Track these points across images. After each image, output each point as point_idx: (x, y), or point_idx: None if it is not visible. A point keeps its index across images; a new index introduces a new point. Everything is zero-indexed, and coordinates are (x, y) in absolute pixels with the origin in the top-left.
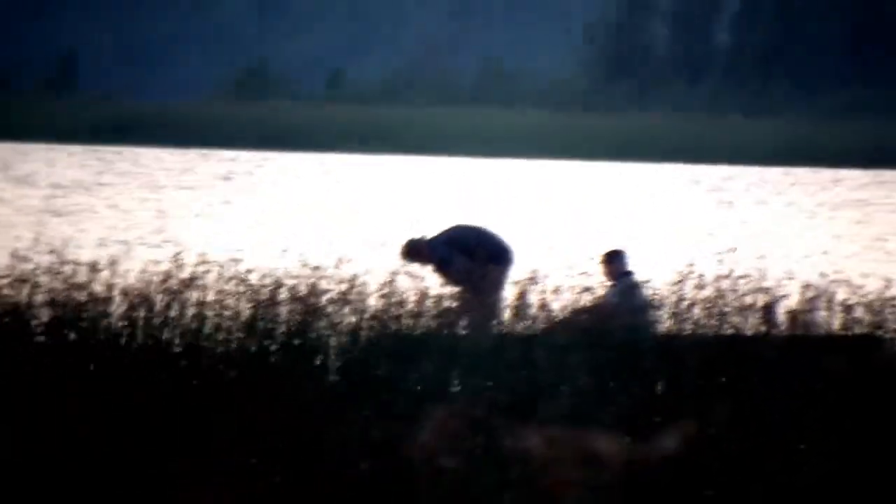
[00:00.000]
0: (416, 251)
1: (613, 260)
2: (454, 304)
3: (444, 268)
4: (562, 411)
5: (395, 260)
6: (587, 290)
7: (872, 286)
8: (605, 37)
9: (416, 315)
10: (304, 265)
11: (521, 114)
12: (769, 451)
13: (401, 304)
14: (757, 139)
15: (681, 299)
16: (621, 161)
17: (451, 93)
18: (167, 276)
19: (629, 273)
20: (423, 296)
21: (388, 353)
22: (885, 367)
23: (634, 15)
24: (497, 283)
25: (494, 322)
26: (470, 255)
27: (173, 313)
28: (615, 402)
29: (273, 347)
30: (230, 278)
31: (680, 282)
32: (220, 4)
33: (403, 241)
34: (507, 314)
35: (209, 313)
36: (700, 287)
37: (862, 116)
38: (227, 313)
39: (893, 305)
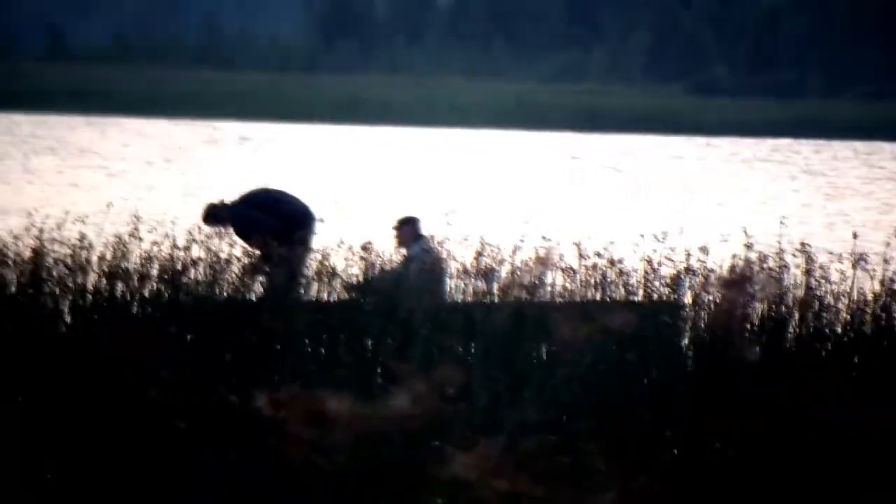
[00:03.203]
0: (215, 215)
1: (406, 225)
2: (249, 268)
3: (244, 230)
4: (308, 374)
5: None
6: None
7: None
8: None
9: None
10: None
11: (241, 75)
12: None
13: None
14: (478, 101)
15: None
16: (342, 124)
17: (171, 54)
18: None
19: (422, 238)
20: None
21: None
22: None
23: None
24: (301, 245)
25: (292, 287)
26: (271, 216)
27: None
28: (358, 363)
29: None
30: None
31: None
32: None
33: (203, 205)
34: (306, 280)
35: None
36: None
37: (579, 80)
38: None
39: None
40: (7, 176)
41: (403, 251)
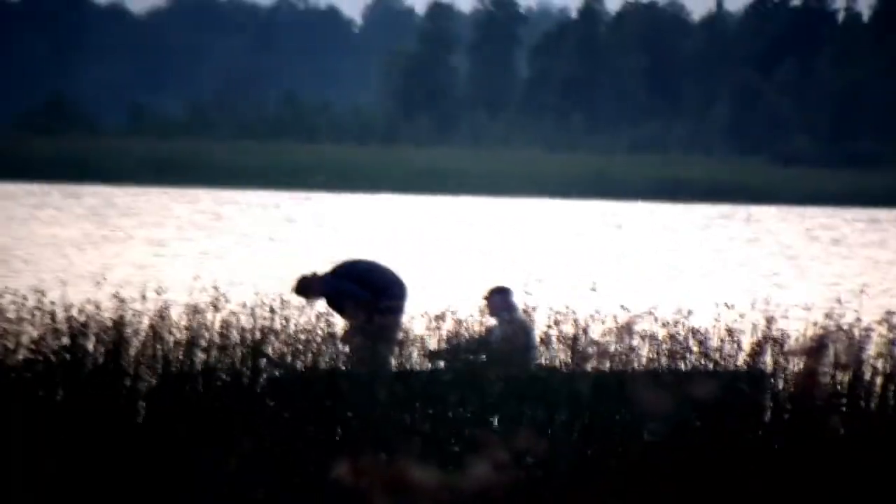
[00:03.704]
0: (306, 286)
1: (496, 296)
2: (346, 338)
3: (336, 301)
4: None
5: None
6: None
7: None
8: (405, 70)
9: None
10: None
11: (320, 147)
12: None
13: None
14: (557, 172)
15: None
16: (426, 194)
17: (251, 126)
18: None
19: (513, 309)
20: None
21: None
22: None
23: (434, 47)
24: (393, 315)
25: (389, 356)
26: (363, 286)
27: None
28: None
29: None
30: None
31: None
32: (16, 38)
33: (295, 278)
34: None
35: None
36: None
37: (658, 150)
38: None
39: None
40: (100, 247)
41: (493, 320)
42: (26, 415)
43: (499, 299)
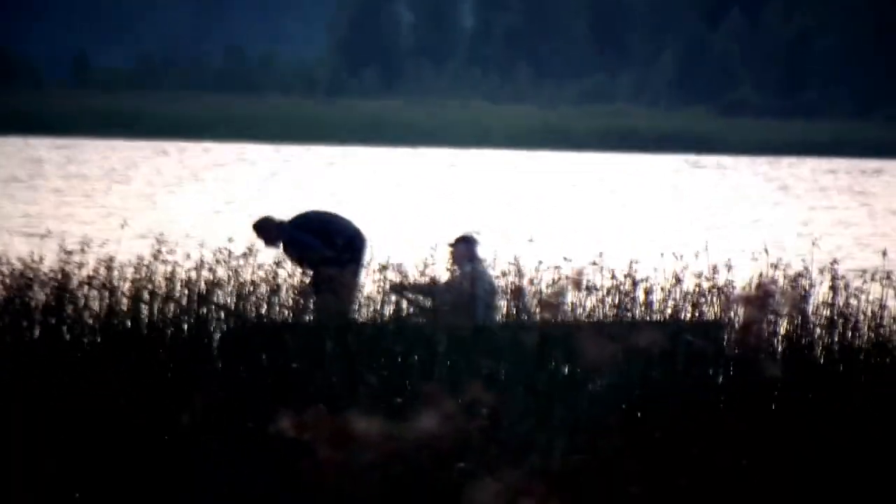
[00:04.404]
0: (265, 228)
1: (460, 245)
2: (303, 292)
3: (295, 252)
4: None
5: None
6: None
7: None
8: (349, 22)
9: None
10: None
11: (266, 100)
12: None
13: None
14: (502, 124)
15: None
16: (372, 146)
17: (195, 80)
18: None
19: (476, 259)
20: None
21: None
22: None
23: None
24: (353, 267)
25: (349, 309)
26: (323, 238)
27: None
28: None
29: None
30: None
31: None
32: None
33: (256, 216)
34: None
35: None
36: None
37: (604, 102)
38: None
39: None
40: (36, 199)
41: (457, 269)
42: None
43: (463, 248)
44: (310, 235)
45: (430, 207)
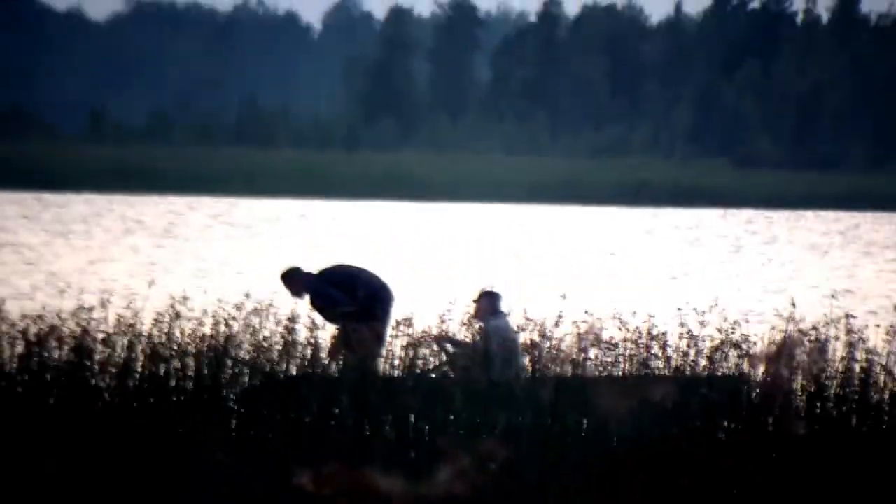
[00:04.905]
0: (292, 278)
1: (484, 299)
2: (333, 352)
3: (319, 303)
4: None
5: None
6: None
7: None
8: (365, 75)
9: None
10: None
11: (279, 153)
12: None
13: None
14: (519, 177)
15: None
16: (385, 200)
17: (211, 132)
18: None
19: (500, 313)
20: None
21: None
22: None
23: (394, 52)
24: (380, 322)
25: (376, 364)
26: (349, 292)
27: None
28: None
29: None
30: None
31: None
32: None
33: (286, 266)
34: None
35: None
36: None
37: (620, 153)
38: None
39: None
40: (57, 253)
41: (480, 324)
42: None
43: (486, 302)
44: (336, 289)
45: (445, 262)
